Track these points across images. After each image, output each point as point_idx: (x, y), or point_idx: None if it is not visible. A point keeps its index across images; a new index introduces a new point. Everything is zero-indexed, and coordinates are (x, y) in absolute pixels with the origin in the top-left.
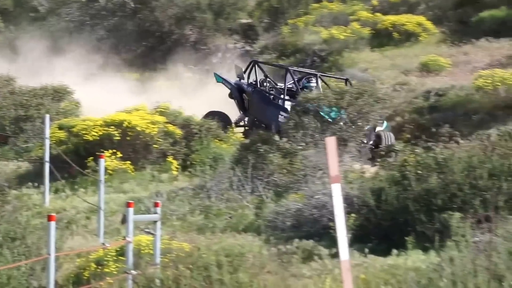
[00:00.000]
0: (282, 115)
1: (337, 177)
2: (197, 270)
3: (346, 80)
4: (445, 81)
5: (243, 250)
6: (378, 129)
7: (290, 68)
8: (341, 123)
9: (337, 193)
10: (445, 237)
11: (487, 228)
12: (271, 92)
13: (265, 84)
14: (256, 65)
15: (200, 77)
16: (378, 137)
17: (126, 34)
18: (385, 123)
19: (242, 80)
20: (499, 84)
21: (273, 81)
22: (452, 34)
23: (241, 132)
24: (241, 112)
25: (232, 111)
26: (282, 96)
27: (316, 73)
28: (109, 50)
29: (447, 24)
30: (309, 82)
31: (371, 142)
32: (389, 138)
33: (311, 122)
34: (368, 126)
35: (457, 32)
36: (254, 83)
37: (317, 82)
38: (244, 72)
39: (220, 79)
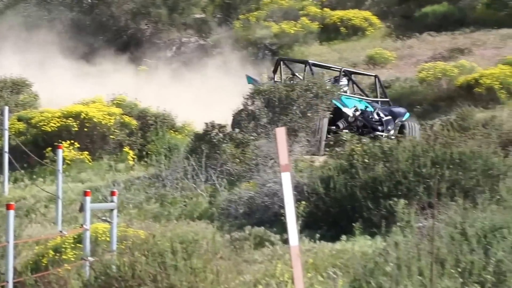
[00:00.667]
0: None
1: (287, 166)
2: (152, 256)
3: (375, 76)
4: (390, 73)
5: (197, 237)
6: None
7: (310, 62)
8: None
9: (286, 181)
10: (391, 223)
11: (430, 214)
12: None
13: (291, 81)
14: (282, 63)
15: (156, 70)
16: (403, 127)
17: (84, 28)
18: (407, 114)
19: (271, 81)
20: (441, 76)
21: (299, 78)
22: (397, 29)
23: None
24: None
25: None
26: None
27: (340, 68)
28: (67, 45)
29: (392, 19)
30: (336, 81)
31: (392, 132)
32: (413, 128)
33: (261, 113)
34: (388, 117)
35: (401, 26)
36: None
37: (349, 80)
38: (273, 71)
39: (251, 81)
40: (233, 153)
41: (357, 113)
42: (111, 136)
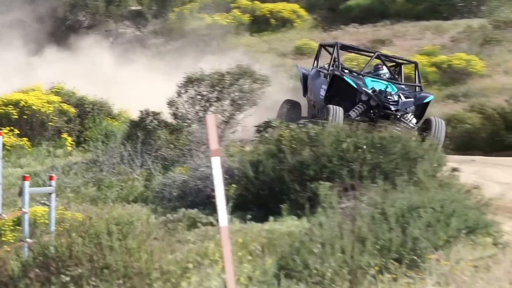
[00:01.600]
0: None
1: (217, 151)
2: (89, 237)
3: (415, 63)
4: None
5: (132, 219)
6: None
7: (339, 43)
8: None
9: (217, 165)
10: (316, 204)
11: (352, 195)
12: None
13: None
14: (322, 48)
15: (94, 60)
16: (428, 122)
17: (24, 20)
18: (429, 97)
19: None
20: (363, 64)
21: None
22: (323, 21)
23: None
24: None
25: None
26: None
27: (375, 51)
28: (6, 35)
29: (318, 11)
30: (377, 70)
31: (414, 122)
32: (439, 126)
33: (195, 100)
34: (408, 98)
35: (327, 18)
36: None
37: (396, 71)
38: (315, 58)
39: (299, 70)
40: (167, 139)
41: (372, 92)
42: (50, 123)
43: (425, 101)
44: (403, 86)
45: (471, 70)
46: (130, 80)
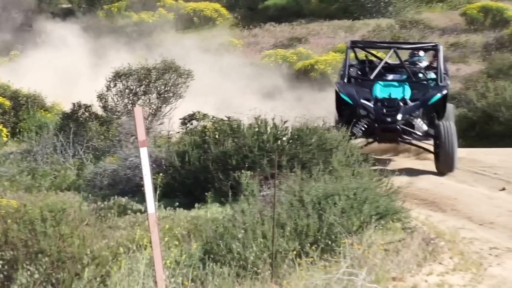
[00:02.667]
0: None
1: (145, 142)
2: (24, 224)
3: (436, 47)
4: (238, 59)
5: (65, 206)
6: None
7: (350, 42)
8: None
9: (144, 155)
10: (238, 192)
11: (272, 184)
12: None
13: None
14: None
15: (27, 55)
16: (436, 129)
17: None
18: (436, 96)
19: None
20: (281, 61)
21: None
22: (243, 19)
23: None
24: None
25: None
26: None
27: (391, 45)
28: None
29: (238, 10)
30: (412, 57)
31: (425, 128)
32: (449, 131)
33: (124, 93)
34: (414, 102)
35: (247, 17)
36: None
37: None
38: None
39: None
40: (98, 131)
41: (369, 104)
42: None
43: (430, 102)
44: (424, 82)
45: None
46: (62, 74)
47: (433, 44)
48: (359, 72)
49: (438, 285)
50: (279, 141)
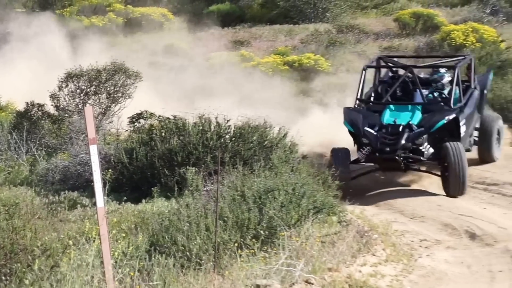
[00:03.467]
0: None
1: (94, 139)
2: None
3: (454, 68)
4: (185, 61)
5: (18, 200)
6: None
7: (366, 66)
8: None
9: (94, 152)
10: (183, 187)
11: (215, 179)
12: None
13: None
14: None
15: None
16: (444, 151)
17: None
18: (441, 121)
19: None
20: (224, 63)
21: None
22: (189, 24)
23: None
24: None
25: None
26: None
27: (407, 66)
28: None
29: (184, 15)
30: (433, 75)
31: (431, 151)
32: (458, 153)
33: (75, 93)
34: (419, 129)
35: (192, 22)
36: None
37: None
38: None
39: None
40: (50, 129)
41: (371, 132)
42: None
43: (433, 129)
44: (441, 104)
45: (318, 68)
46: (17, 75)
47: (460, 56)
48: (378, 94)
49: (371, 275)
50: (222, 139)
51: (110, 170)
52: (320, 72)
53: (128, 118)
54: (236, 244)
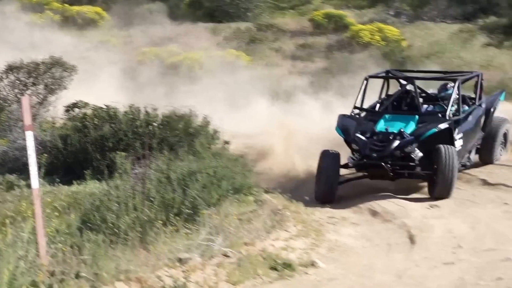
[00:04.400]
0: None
1: (30, 126)
2: None
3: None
4: (117, 56)
5: None
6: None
7: (368, 76)
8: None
9: (30, 138)
10: (113, 170)
11: (143, 163)
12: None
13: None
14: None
15: None
16: (436, 152)
17: None
18: (431, 130)
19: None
20: (154, 58)
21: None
22: (121, 21)
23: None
24: None
25: None
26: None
27: (407, 80)
28: None
29: (117, 13)
30: (441, 91)
31: (418, 153)
32: (449, 156)
33: (15, 84)
34: (409, 137)
35: (124, 19)
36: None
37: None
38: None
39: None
40: None
41: (360, 138)
42: None
43: (422, 137)
44: (438, 115)
45: (240, 63)
46: None
47: (453, 79)
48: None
49: (283, 249)
50: (151, 126)
51: (45, 154)
52: (241, 67)
53: (64, 107)
54: (161, 222)
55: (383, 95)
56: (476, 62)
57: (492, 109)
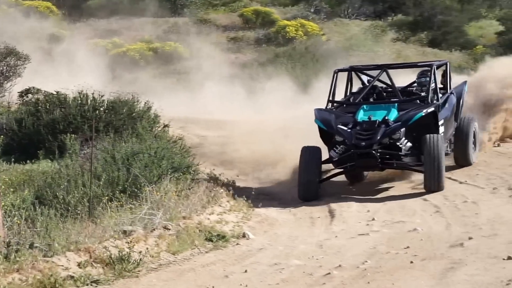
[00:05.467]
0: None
1: None
2: None
3: (430, 66)
4: (66, 46)
5: None
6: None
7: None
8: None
9: None
10: (64, 151)
11: (91, 144)
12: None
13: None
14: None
15: None
16: (423, 142)
17: None
18: (418, 115)
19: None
20: (99, 49)
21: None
22: (70, 15)
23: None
24: None
25: None
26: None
27: (381, 66)
28: None
29: (67, 7)
30: (420, 78)
31: (408, 146)
32: (435, 145)
33: None
34: (396, 123)
35: (73, 13)
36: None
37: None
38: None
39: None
40: None
41: (344, 128)
42: None
43: (411, 122)
44: (417, 102)
45: (178, 54)
46: None
47: (428, 63)
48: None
49: (217, 222)
50: (97, 111)
51: (2, 136)
52: (180, 57)
53: (18, 92)
54: (107, 197)
55: (352, 90)
56: (387, 54)
57: (461, 100)
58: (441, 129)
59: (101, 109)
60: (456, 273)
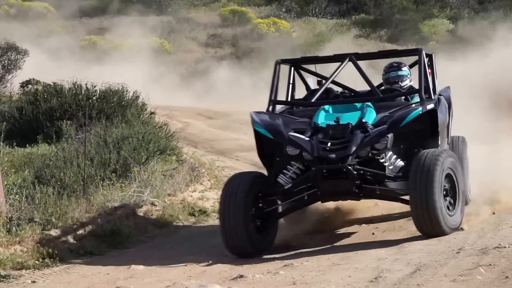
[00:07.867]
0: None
1: None
2: None
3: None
4: (63, 42)
5: None
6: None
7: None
8: None
9: None
10: (61, 136)
11: (85, 130)
12: None
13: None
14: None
15: None
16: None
17: None
18: (410, 115)
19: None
20: (92, 44)
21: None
22: (66, 14)
23: None
24: None
25: None
26: None
27: (345, 55)
28: None
29: (63, 7)
30: (388, 72)
31: (399, 165)
32: (424, 165)
33: None
34: (380, 126)
35: (68, 13)
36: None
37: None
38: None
39: None
40: None
41: (301, 137)
42: None
43: (403, 123)
44: (399, 99)
45: (163, 49)
46: None
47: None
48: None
49: (199, 199)
50: (90, 100)
51: (4, 123)
52: (164, 53)
53: (19, 83)
54: (99, 177)
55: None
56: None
57: (451, 108)
58: (438, 140)
59: (94, 98)
60: (413, 243)
